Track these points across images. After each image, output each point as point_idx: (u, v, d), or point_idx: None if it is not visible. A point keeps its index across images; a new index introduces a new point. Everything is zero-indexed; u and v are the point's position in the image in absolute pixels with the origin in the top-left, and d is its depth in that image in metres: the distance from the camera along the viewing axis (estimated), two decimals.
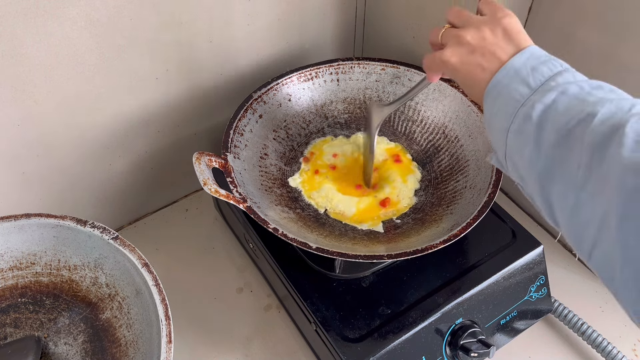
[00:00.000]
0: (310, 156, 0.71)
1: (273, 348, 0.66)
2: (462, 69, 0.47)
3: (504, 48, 0.45)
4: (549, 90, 0.40)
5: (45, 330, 0.59)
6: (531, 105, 0.41)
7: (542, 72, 0.42)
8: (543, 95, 0.40)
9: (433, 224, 0.62)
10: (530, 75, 0.42)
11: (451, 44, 0.48)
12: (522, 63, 0.43)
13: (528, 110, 0.41)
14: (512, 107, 0.42)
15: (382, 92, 0.75)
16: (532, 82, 0.42)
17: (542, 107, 0.40)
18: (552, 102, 0.40)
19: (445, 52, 0.48)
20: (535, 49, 0.44)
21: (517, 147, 0.42)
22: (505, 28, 0.45)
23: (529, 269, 0.63)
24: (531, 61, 0.43)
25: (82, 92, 0.62)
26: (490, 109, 0.44)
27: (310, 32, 0.80)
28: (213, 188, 0.55)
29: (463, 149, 0.68)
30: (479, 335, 0.58)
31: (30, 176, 0.65)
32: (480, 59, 0.45)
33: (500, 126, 0.43)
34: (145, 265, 0.55)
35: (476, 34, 0.46)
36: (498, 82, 0.44)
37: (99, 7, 0.57)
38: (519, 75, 0.43)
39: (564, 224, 0.39)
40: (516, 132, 0.42)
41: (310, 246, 0.54)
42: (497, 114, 0.44)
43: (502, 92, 0.43)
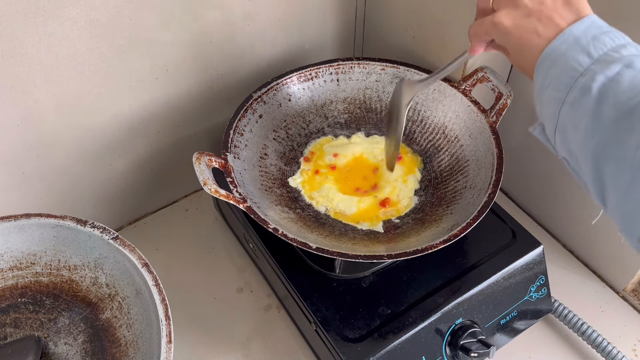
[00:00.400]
0: (310, 156, 0.71)
1: (273, 348, 0.66)
2: (515, 33, 0.43)
3: (563, 15, 0.42)
4: (611, 62, 0.38)
5: (45, 330, 0.59)
6: (591, 76, 0.38)
7: (604, 41, 0.39)
8: (605, 67, 0.38)
9: (433, 224, 0.62)
10: (591, 44, 0.39)
11: (505, 6, 0.44)
12: (582, 31, 0.40)
13: (587, 82, 0.38)
14: (569, 76, 0.39)
15: (382, 92, 0.75)
16: (593, 51, 0.39)
17: (603, 80, 0.37)
18: (616, 75, 0.37)
19: (498, 14, 0.44)
20: (596, 18, 0.41)
21: (571, 120, 0.39)
22: None
23: (529, 269, 0.63)
24: (592, 30, 0.40)
25: (82, 92, 0.62)
26: (542, 79, 0.42)
27: (310, 32, 0.80)
28: (213, 188, 0.55)
29: (463, 149, 0.68)
30: (479, 335, 0.58)
31: (30, 176, 0.65)
32: (537, 24, 0.42)
33: (553, 97, 0.41)
34: (145, 265, 0.55)
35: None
36: (555, 49, 0.41)
37: (99, 7, 0.57)
38: (579, 43, 0.40)
39: (615, 203, 0.37)
40: (572, 104, 0.39)
41: (310, 246, 0.54)
42: (551, 84, 0.41)
43: (559, 60, 0.40)
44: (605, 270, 0.74)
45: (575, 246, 0.77)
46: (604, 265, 0.74)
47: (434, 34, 0.72)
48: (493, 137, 0.64)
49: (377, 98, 0.75)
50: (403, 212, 0.65)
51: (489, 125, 0.65)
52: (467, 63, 0.68)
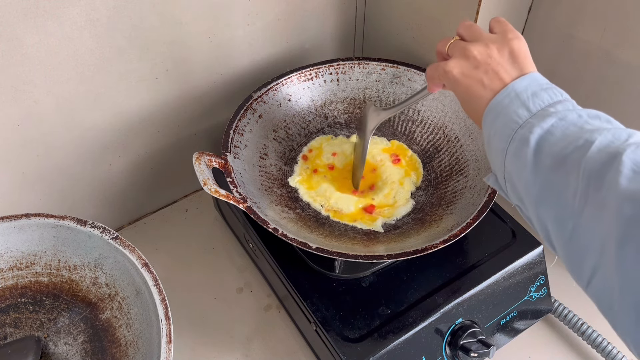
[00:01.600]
0: (309, 153, 0.71)
1: (273, 348, 0.66)
2: (462, 82, 0.47)
3: (508, 70, 0.45)
4: (547, 115, 0.41)
5: (45, 330, 0.59)
6: (529, 128, 0.41)
7: (542, 98, 0.43)
8: (542, 120, 0.41)
9: (433, 224, 0.62)
10: (530, 100, 0.43)
11: (457, 56, 0.48)
12: (523, 87, 0.44)
13: (526, 133, 0.41)
14: (510, 128, 0.42)
15: (382, 92, 0.75)
16: (531, 106, 0.42)
17: (539, 132, 0.40)
18: (551, 127, 0.40)
19: (449, 63, 0.48)
20: (537, 76, 0.45)
21: (515, 169, 0.42)
22: (513, 50, 0.46)
23: (529, 269, 0.63)
24: (532, 86, 0.43)
25: (82, 92, 0.62)
26: (489, 129, 0.45)
27: (310, 32, 0.80)
28: (213, 188, 0.55)
29: (463, 149, 0.68)
30: (479, 335, 0.58)
31: (30, 176, 0.65)
32: (483, 76, 0.46)
33: (498, 147, 0.44)
34: (145, 265, 0.55)
35: (483, 50, 0.46)
36: (498, 103, 0.44)
37: (99, 7, 0.57)
38: (520, 98, 0.43)
39: (562, 250, 0.39)
40: (514, 154, 0.42)
41: (310, 246, 0.54)
42: (496, 135, 0.44)
43: (502, 113, 0.43)
44: None
45: None
46: None
47: (434, 34, 0.72)
48: None
49: (377, 98, 0.75)
50: (400, 214, 0.65)
51: None
52: None
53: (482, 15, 0.64)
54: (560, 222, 0.38)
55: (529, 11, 0.70)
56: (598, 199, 0.35)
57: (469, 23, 0.50)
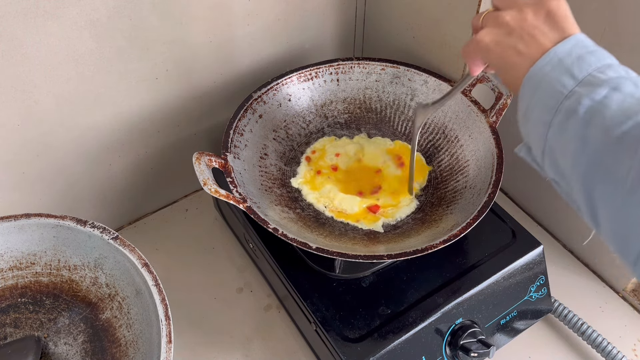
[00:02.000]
0: (312, 155, 0.71)
1: (273, 348, 0.66)
2: (495, 50, 0.43)
3: (547, 33, 0.41)
4: (597, 84, 0.37)
5: (45, 330, 0.59)
6: (577, 99, 0.37)
7: (589, 61, 0.38)
8: (591, 89, 0.37)
9: (433, 224, 0.62)
10: (575, 65, 0.38)
11: (489, 25, 0.44)
12: (567, 51, 0.39)
13: (573, 104, 0.37)
14: (554, 99, 0.38)
15: (382, 92, 0.75)
16: (577, 72, 0.38)
17: (590, 103, 0.36)
18: (603, 98, 0.36)
19: (481, 32, 0.44)
20: (582, 37, 0.40)
21: (559, 143, 0.39)
22: (551, 11, 0.41)
23: (529, 269, 0.63)
24: (577, 50, 0.39)
25: (82, 92, 0.62)
26: (527, 100, 0.41)
27: (310, 32, 0.80)
28: (213, 188, 0.55)
29: (463, 149, 0.68)
30: (479, 335, 0.58)
31: (30, 176, 0.65)
32: (517, 42, 0.42)
33: (540, 119, 0.40)
34: (145, 265, 0.55)
35: (517, 15, 0.42)
36: (539, 71, 0.40)
37: (99, 7, 0.57)
38: (563, 64, 0.39)
39: (608, 225, 0.36)
40: (559, 127, 0.38)
41: (310, 246, 0.54)
42: (537, 106, 0.40)
43: (543, 82, 0.39)
44: (605, 270, 0.74)
45: (575, 246, 0.77)
46: (604, 265, 0.74)
47: (434, 34, 0.72)
48: (493, 137, 0.64)
49: (377, 98, 0.75)
50: (402, 215, 0.65)
51: (489, 125, 0.65)
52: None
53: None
54: (610, 198, 0.35)
55: None
56: None
57: None
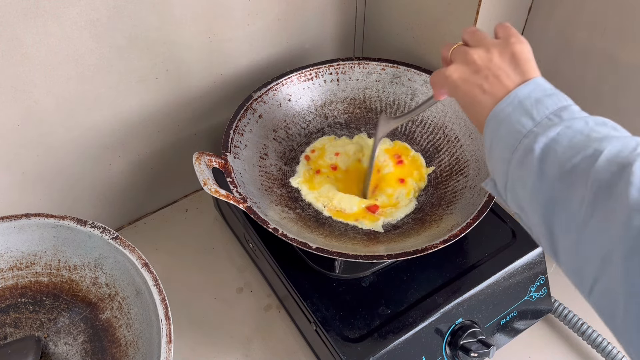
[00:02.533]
0: (311, 154, 0.71)
1: (273, 348, 0.66)
2: (462, 87, 0.46)
3: (510, 74, 0.44)
4: (553, 124, 0.40)
5: (45, 330, 0.59)
6: (534, 137, 0.40)
7: (546, 105, 0.41)
8: (547, 129, 0.40)
9: (433, 224, 0.62)
10: (534, 107, 0.41)
11: (457, 61, 0.47)
12: (526, 94, 0.42)
13: (530, 143, 0.40)
14: (514, 138, 0.41)
15: (382, 92, 0.75)
16: (535, 114, 0.41)
17: (545, 140, 0.39)
18: (556, 135, 0.39)
19: (450, 68, 0.47)
20: (541, 81, 0.44)
21: (519, 178, 0.41)
22: (515, 53, 0.45)
23: (529, 269, 0.63)
24: (536, 93, 0.42)
25: (82, 92, 0.62)
26: (491, 137, 0.44)
27: (310, 32, 0.80)
28: (213, 188, 0.55)
29: (463, 149, 0.68)
30: (479, 335, 0.58)
31: (30, 176, 0.65)
32: (483, 81, 0.45)
33: (501, 156, 0.43)
34: (145, 265, 0.55)
35: (484, 54, 0.46)
36: (501, 111, 0.43)
37: (99, 7, 0.57)
38: (523, 106, 0.42)
39: (566, 256, 0.38)
40: (518, 163, 0.41)
41: (310, 246, 0.54)
42: (499, 143, 0.43)
43: (505, 121, 0.42)
44: None
45: None
46: None
47: (434, 34, 0.72)
48: None
49: (377, 98, 0.75)
50: (401, 215, 0.65)
51: None
52: None
53: (482, 15, 0.64)
54: (565, 231, 0.37)
55: (529, 11, 0.70)
56: (606, 210, 0.34)
57: (473, 28, 0.50)
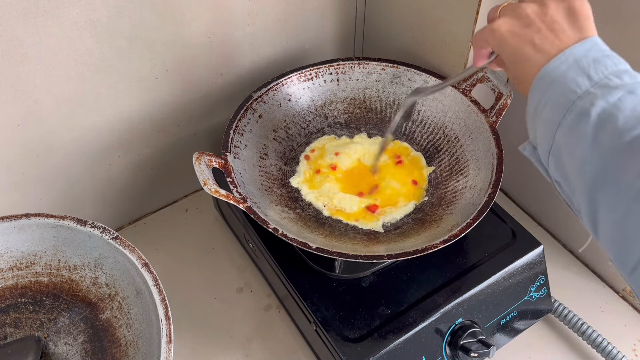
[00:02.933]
0: (311, 153, 0.71)
1: (273, 348, 0.66)
2: (510, 42, 0.42)
3: (566, 30, 0.40)
4: (613, 87, 0.36)
5: (45, 330, 0.59)
6: (590, 100, 0.36)
7: (605, 64, 0.38)
8: (606, 92, 0.36)
9: (433, 224, 0.62)
10: (592, 66, 0.38)
11: (507, 15, 0.43)
12: (583, 52, 0.38)
13: (586, 106, 0.36)
14: (567, 99, 0.38)
15: (382, 92, 0.75)
16: (593, 73, 0.37)
17: (604, 105, 0.36)
18: (617, 101, 0.35)
19: (498, 21, 0.43)
20: (599, 41, 0.40)
21: (567, 144, 0.38)
22: (573, 8, 0.40)
23: (529, 269, 0.63)
24: (594, 52, 0.38)
25: (82, 92, 0.62)
26: (538, 97, 0.40)
27: (310, 32, 0.80)
28: (213, 188, 0.55)
29: (463, 149, 0.68)
30: (479, 335, 0.58)
31: (30, 176, 0.65)
32: (535, 35, 0.40)
33: (549, 118, 0.39)
34: (145, 265, 0.55)
35: (538, 8, 0.41)
36: (554, 69, 0.39)
37: (99, 7, 0.57)
38: (579, 64, 0.38)
39: (608, 232, 0.36)
40: (569, 127, 0.37)
41: (310, 246, 0.54)
42: (548, 104, 0.39)
43: (557, 81, 0.38)
44: (605, 270, 0.74)
45: (575, 246, 0.77)
46: (604, 265, 0.74)
47: (434, 34, 0.72)
48: (493, 137, 0.64)
49: (377, 98, 0.75)
50: (401, 215, 0.65)
51: (489, 125, 0.65)
52: (467, 63, 0.68)
53: (482, 15, 0.64)
54: (613, 204, 0.35)
55: None
56: None
57: None
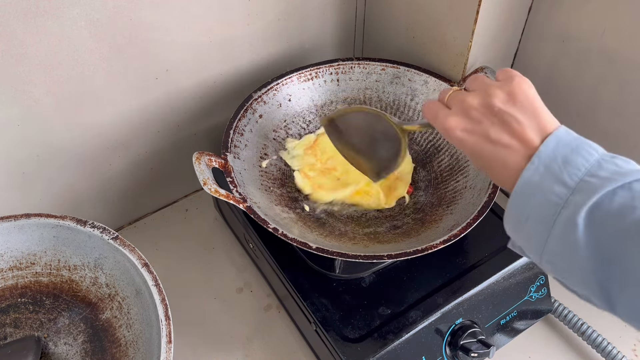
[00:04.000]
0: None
1: (273, 348, 0.66)
2: (468, 142, 0.42)
3: (518, 119, 0.39)
4: (591, 191, 0.35)
5: (45, 330, 0.59)
6: (574, 209, 0.36)
7: (577, 165, 0.36)
8: (585, 197, 0.35)
9: (433, 224, 0.62)
10: (564, 171, 0.36)
11: (456, 111, 0.43)
12: (551, 154, 0.37)
13: (571, 215, 0.36)
14: (549, 212, 0.37)
15: (382, 93, 0.75)
16: (567, 179, 0.36)
17: (587, 209, 0.35)
18: (600, 201, 0.35)
19: (449, 120, 0.42)
20: (562, 132, 0.38)
21: (562, 252, 0.37)
22: (515, 94, 0.40)
23: (529, 269, 0.63)
24: (561, 149, 0.37)
25: (82, 92, 0.62)
26: (519, 211, 0.39)
27: (310, 32, 0.80)
28: (213, 188, 0.55)
29: None
30: (479, 335, 0.58)
31: (30, 176, 0.65)
32: (490, 130, 0.40)
33: (536, 232, 0.38)
34: (145, 265, 0.55)
35: (482, 100, 0.41)
36: (527, 181, 0.38)
37: (99, 7, 0.57)
38: (550, 170, 0.37)
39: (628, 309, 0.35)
40: (559, 237, 0.37)
41: (310, 246, 0.54)
42: (530, 219, 0.38)
43: (534, 193, 0.38)
44: None
45: None
46: None
47: (434, 34, 0.72)
48: None
49: (377, 98, 0.75)
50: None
51: None
52: (467, 63, 0.68)
53: (482, 15, 0.64)
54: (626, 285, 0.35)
55: (529, 11, 0.70)
56: None
57: (475, 75, 0.45)
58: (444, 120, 0.43)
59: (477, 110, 0.41)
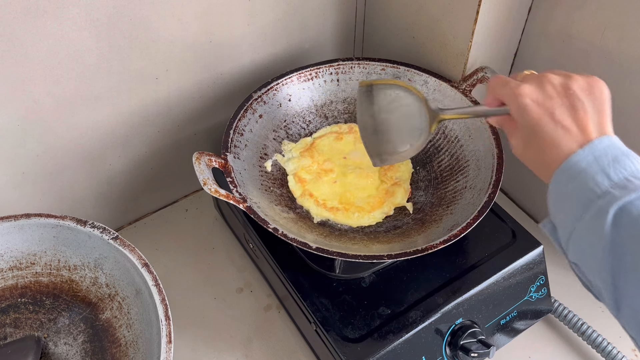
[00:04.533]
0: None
1: (273, 348, 0.66)
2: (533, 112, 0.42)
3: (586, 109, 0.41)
4: (632, 189, 0.37)
5: (45, 330, 0.59)
6: (609, 200, 0.38)
7: (624, 165, 0.39)
8: (624, 193, 0.37)
9: (433, 224, 0.62)
10: (611, 166, 0.39)
11: (532, 83, 0.44)
12: (603, 149, 0.39)
13: (605, 206, 0.38)
14: (587, 197, 0.39)
15: None
16: (612, 173, 0.38)
17: (621, 205, 0.37)
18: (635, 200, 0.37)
19: (524, 86, 0.43)
20: (616, 139, 0.41)
21: (587, 236, 0.39)
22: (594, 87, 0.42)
23: (529, 269, 0.63)
24: (613, 150, 0.39)
25: (82, 92, 0.62)
26: (560, 189, 0.41)
27: (310, 32, 0.80)
28: (213, 188, 0.55)
29: (463, 149, 0.68)
30: (479, 336, 0.58)
31: (30, 176, 0.65)
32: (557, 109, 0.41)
33: (571, 211, 0.40)
34: (145, 265, 0.55)
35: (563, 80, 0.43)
36: (575, 164, 0.40)
37: (99, 7, 0.57)
38: (599, 162, 0.39)
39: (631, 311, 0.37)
40: (589, 223, 0.39)
41: (310, 246, 0.54)
42: (569, 198, 0.40)
43: (578, 177, 0.40)
44: None
45: None
46: None
47: (434, 34, 0.72)
48: (493, 137, 0.64)
49: None
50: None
51: (489, 125, 0.65)
52: (467, 63, 0.68)
53: (482, 15, 0.64)
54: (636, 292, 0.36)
55: (529, 11, 0.70)
56: None
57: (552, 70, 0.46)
58: (517, 87, 0.44)
59: (553, 87, 0.42)
